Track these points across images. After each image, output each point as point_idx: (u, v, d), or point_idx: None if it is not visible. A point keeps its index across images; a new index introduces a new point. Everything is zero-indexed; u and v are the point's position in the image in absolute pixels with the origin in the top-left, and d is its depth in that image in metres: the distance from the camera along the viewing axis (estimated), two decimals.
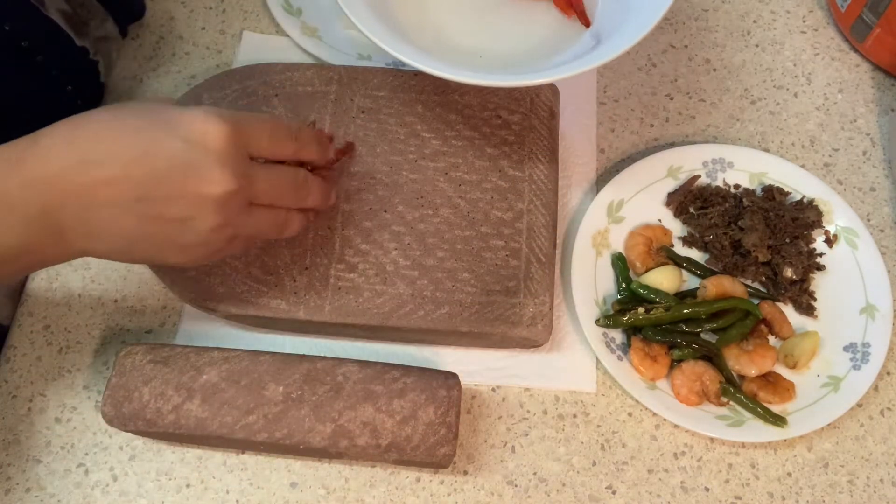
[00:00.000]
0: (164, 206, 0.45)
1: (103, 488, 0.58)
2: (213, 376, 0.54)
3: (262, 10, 0.77)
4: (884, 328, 0.61)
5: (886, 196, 0.70)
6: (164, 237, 0.46)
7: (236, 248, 0.51)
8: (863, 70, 0.76)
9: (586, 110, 0.72)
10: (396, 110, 0.65)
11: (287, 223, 0.52)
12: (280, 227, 0.52)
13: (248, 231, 0.49)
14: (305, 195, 0.52)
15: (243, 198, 0.47)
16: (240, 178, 0.46)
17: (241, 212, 0.47)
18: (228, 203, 0.46)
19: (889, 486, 0.59)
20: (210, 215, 0.46)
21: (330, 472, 0.58)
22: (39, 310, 0.63)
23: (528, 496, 0.58)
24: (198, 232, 0.46)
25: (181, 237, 0.46)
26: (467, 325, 0.58)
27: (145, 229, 0.46)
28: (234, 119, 0.46)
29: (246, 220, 0.48)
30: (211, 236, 0.47)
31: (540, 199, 0.62)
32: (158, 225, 0.45)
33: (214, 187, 0.45)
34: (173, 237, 0.46)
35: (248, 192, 0.47)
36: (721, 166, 0.68)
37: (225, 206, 0.46)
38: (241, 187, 0.46)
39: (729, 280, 0.62)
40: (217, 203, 0.45)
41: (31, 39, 0.59)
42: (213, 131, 0.45)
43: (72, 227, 0.45)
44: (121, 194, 0.44)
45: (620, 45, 0.56)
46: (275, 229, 0.52)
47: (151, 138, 0.44)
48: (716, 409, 0.59)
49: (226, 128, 0.45)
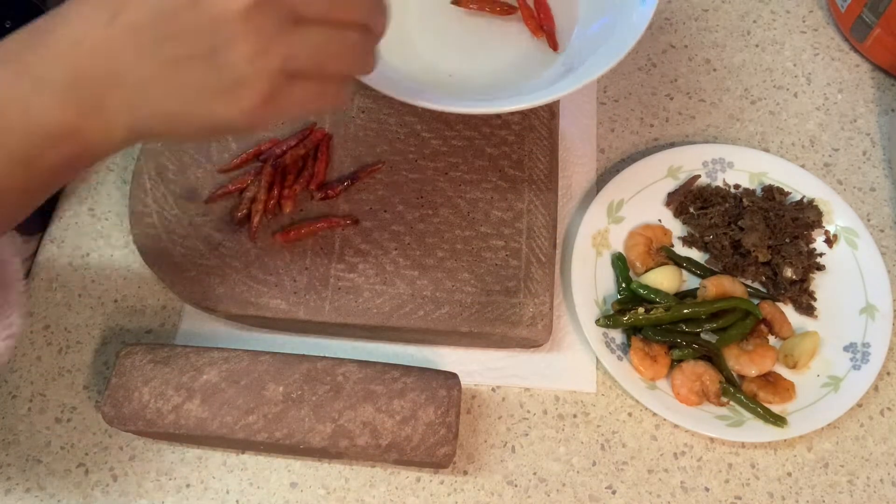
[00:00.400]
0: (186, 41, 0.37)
1: (103, 488, 0.58)
2: (213, 376, 0.55)
3: None
4: (884, 328, 0.61)
5: (886, 196, 0.70)
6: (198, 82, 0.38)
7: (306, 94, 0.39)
8: (863, 70, 0.76)
9: (586, 110, 0.72)
10: (396, 110, 0.65)
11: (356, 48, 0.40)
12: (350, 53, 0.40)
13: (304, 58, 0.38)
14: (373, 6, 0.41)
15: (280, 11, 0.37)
16: None
17: (283, 30, 0.37)
18: (259, 16, 0.36)
19: (889, 486, 0.59)
20: (240, 36, 0.36)
21: (330, 472, 0.58)
22: (39, 310, 0.63)
23: (528, 496, 0.58)
24: (234, 63, 0.37)
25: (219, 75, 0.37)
26: (467, 325, 0.58)
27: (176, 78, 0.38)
28: None
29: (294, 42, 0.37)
30: (254, 67, 0.37)
31: (540, 199, 0.62)
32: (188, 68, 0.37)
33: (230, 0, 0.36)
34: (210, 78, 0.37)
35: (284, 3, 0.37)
36: (721, 166, 0.68)
37: (256, 21, 0.36)
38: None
39: (729, 280, 0.62)
40: (242, 21, 0.36)
41: None
42: None
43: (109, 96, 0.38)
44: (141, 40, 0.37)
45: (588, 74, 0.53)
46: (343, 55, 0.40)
47: None
48: (716, 409, 0.59)
49: None
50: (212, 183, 0.62)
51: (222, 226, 0.61)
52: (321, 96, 0.40)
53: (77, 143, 0.39)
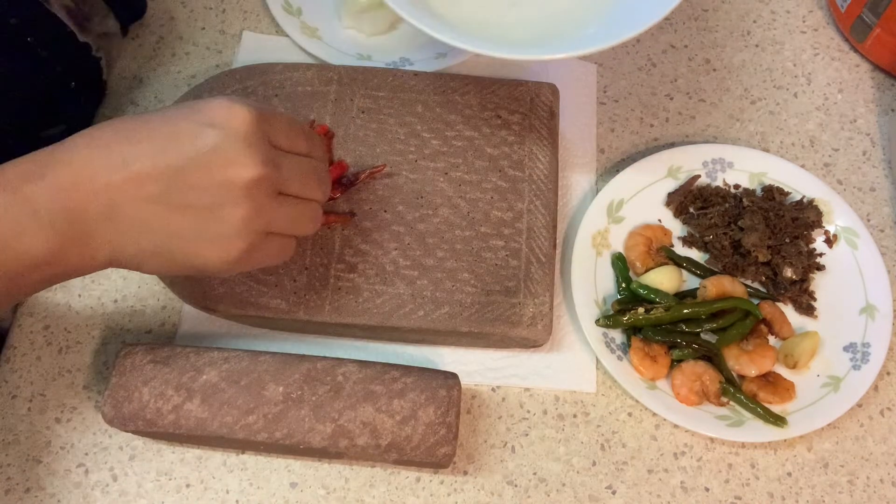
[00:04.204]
0: (193, 195, 0.44)
1: (103, 488, 0.58)
2: (213, 376, 0.54)
3: (262, 10, 0.77)
4: (884, 328, 0.61)
5: (886, 196, 0.70)
6: (195, 230, 0.44)
7: (274, 248, 0.48)
8: (863, 70, 0.76)
9: (586, 110, 0.72)
10: (396, 110, 0.65)
11: (315, 215, 0.50)
12: (313, 219, 0.50)
13: (281, 223, 0.47)
14: (325, 186, 0.51)
15: (271, 185, 0.45)
16: (267, 163, 0.45)
17: (271, 201, 0.46)
18: (257, 189, 0.44)
19: (889, 486, 0.59)
20: (240, 201, 0.44)
21: (330, 472, 0.58)
22: (39, 310, 0.63)
23: (528, 496, 0.58)
24: (229, 222, 0.44)
25: (212, 227, 0.45)
26: (467, 325, 0.58)
27: (174, 223, 0.44)
28: (257, 105, 0.46)
29: (277, 210, 0.46)
30: (243, 227, 0.45)
31: (540, 199, 0.62)
32: (188, 216, 0.44)
33: (242, 171, 0.44)
34: (206, 229, 0.45)
35: (275, 180, 0.46)
36: (721, 166, 0.68)
37: (254, 192, 0.44)
38: (269, 173, 0.45)
39: (729, 280, 0.62)
40: (245, 188, 0.44)
41: (36, 34, 0.59)
42: (238, 115, 0.44)
43: (98, 231, 0.44)
44: (148, 189, 0.43)
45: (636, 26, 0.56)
46: (308, 221, 0.50)
47: (176, 129, 0.44)
48: (716, 409, 0.59)
49: (251, 112, 0.45)
50: None
51: None
52: (283, 250, 0.50)
53: (59, 266, 0.45)
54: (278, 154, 0.46)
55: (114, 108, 0.71)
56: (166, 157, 0.43)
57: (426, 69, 0.70)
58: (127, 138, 0.44)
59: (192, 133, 0.44)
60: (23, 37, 0.59)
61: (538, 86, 0.67)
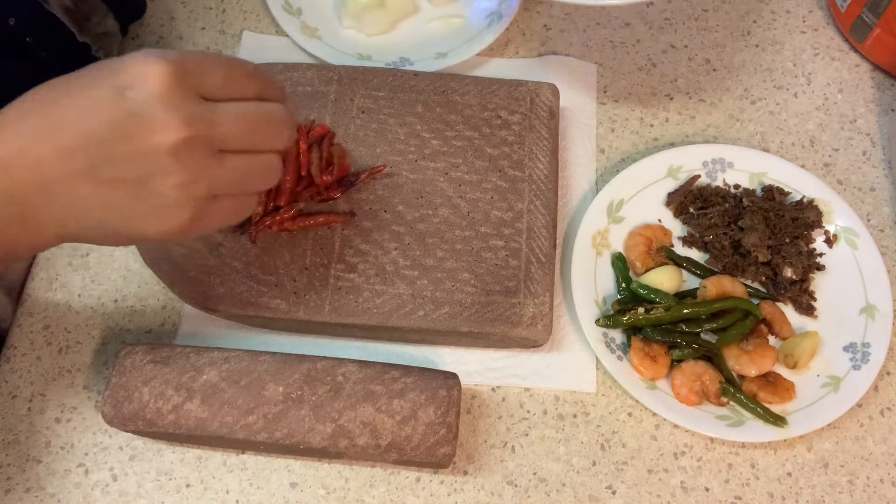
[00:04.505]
0: (119, 167, 0.40)
1: (103, 488, 0.58)
2: (213, 376, 0.54)
3: (262, 10, 0.77)
4: (884, 328, 0.61)
5: (886, 196, 0.70)
6: (131, 204, 0.41)
7: (227, 210, 0.45)
8: (863, 70, 0.76)
9: (586, 110, 0.72)
10: (396, 110, 0.65)
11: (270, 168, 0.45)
12: (268, 173, 0.45)
13: (227, 184, 0.43)
14: (282, 132, 0.45)
15: (206, 144, 0.41)
16: (193, 121, 0.40)
17: (210, 162, 0.42)
18: (187, 152, 0.40)
19: (889, 486, 0.59)
20: (170, 169, 0.40)
21: (330, 472, 0.58)
22: (39, 310, 0.63)
23: (528, 496, 0.58)
24: (163, 192, 0.41)
25: (148, 200, 0.41)
26: (467, 325, 0.58)
27: (108, 198, 0.41)
28: (180, 57, 0.41)
29: (218, 171, 0.42)
30: (181, 195, 0.41)
31: (540, 199, 0.62)
32: (120, 191, 0.41)
33: (165, 136, 0.39)
34: (140, 202, 0.41)
35: (209, 137, 0.41)
36: (721, 166, 0.68)
37: (184, 156, 0.40)
38: (198, 132, 0.40)
39: (729, 280, 0.62)
40: (173, 154, 0.40)
41: (35, 35, 0.59)
42: (154, 73, 0.39)
43: (38, 209, 0.41)
44: (74, 164, 0.40)
45: None
46: (262, 176, 0.45)
47: (94, 94, 0.40)
48: (716, 409, 0.59)
49: (167, 67, 0.40)
50: None
51: None
52: (239, 210, 0.45)
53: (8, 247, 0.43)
54: (210, 107, 0.42)
55: None
56: (88, 128, 0.40)
57: (426, 69, 0.70)
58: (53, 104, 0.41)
59: (109, 100, 0.40)
60: (22, 37, 0.59)
61: (538, 86, 0.67)
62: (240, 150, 0.43)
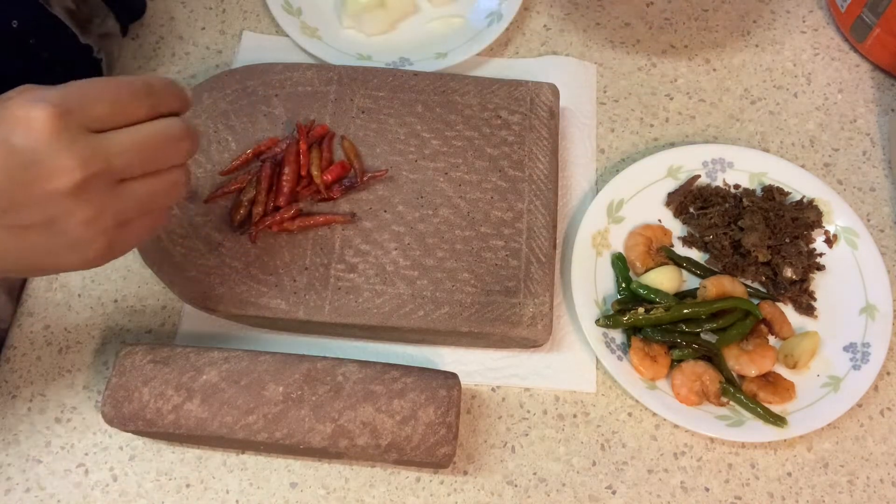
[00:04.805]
0: (24, 213, 0.40)
1: (103, 488, 0.58)
2: (213, 376, 0.54)
3: (262, 10, 0.77)
4: (884, 328, 0.61)
5: (886, 196, 0.70)
6: (45, 244, 0.42)
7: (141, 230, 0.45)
8: (863, 70, 0.76)
9: (586, 110, 0.72)
10: (396, 110, 0.65)
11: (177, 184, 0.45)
12: (173, 189, 0.45)
13: (134, 209, 0.43)
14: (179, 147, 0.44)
15: (104, 179, 0.41)
16: (87, 162, 0.40)
17: (111, 194, 0.42)
18: (86, 191, 0.40)
19: (889, 486, 0.59)
20: (72, 209, 0.40)
21: (330, 472, 0.58)
22: (39, 310, 0.63)
23: (528, 496, 0.58)
24: (71, 231, 0.41)
25: (59, 239, 0.42)
26: (467, 325, 0.58)
27: (21, 241, 0.41)
28: (61, 96, 0.40)
29: (122, 201, 0.42)
30: (90, 231, 0.41)
31: (540, 199, 0.62)
32: (32, 233, 0.41)
33: (60, 180, 0.39)
34: (53, 241, 0.42)
35: (106, 172, 0.41)
36: (721, 166, 0.68)
37: (84, 195, 0.40)
38: (93, 170, 0.40)
39: (729, 280, 0.62)
40: (72, 195, 0.40)
41: (38, 37, 0.59)
42: (37, 120, 0.39)
43: None
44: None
45: None
46: (168, 194, 0.45)
47: None
48: (716, 409, 0.59)
49: (48, 111, 0.39)
50: (212, 183, 0.62)
51: (222, 226, 0.61)
52: (153, 226, 0.46)
53: None
54: (102, 142, 0.41)
55: None
56: None
57: (426, 69, 0.70)
58: None
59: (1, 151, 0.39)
60: (25, 39, 0.59)
61: (538, 86, 0.67)
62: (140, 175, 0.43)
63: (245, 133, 0.64)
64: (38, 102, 0.39)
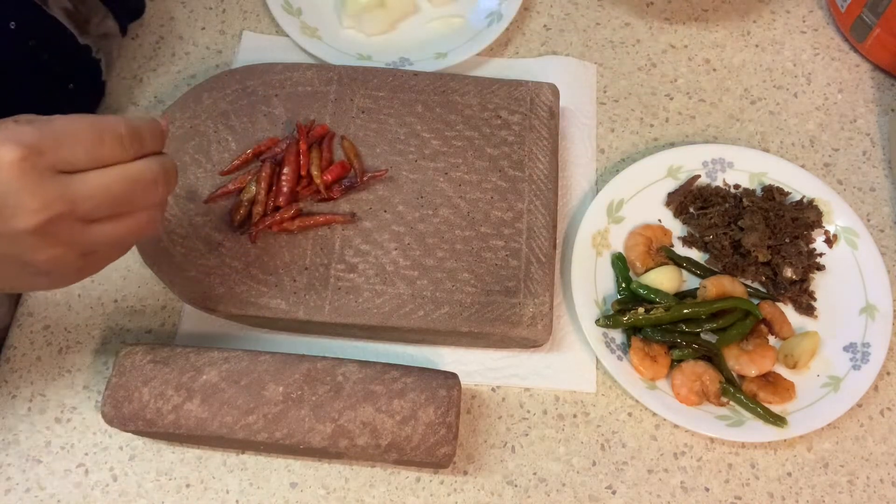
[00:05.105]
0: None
1: (103, 488, 0.58)
2: (213, 376, 0.54)
3: (262, 10, 0.77)
4: (884, 328, 0.61)
5: (886, 196, 0.70)
6: (16, 272, 0.43)
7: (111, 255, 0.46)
8: (863, 70, 0.76)
9: (586, 110, 0.72)
10: (396, 110, 0.65)
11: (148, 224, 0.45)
12: (141, 231, 0.45)
13: (102, 243, 0.44)
14: (153, 191, 0.45)
15: (69, 220, 0.41)
16: (51, 204, 0.40)
17: (77, 233, 0.42)
18: (50, 231, 0.41)
19: (889, 486, 0.59)
20: (37, 247, 0.41)
21: (330, 472, 0.58)
22: (39, 310, 0.63)
23: (528, 496, 0.58)
24: (39, 265, 0.42)
25: (27, 270, 0.43)
26: (467, 325, 0.58)
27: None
28: (35, 136, 0.40)
29: (89, 240, 0.43)
30: (55, 264, 0.42)
31: (540, 199, 0.62)
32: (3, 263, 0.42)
33: (23, 220, 0.40)
34: (24, 271, 0.43)
35: (70, 214, 0.41)
36: (721, 166, 0.68)
37: (49, 235, 0.41)
38: (57, 212, 0.40)
39: (729, 280, 0.62)
40: (36, 235, 0.41)
41: (36, 38, 0.59)
42: (3, 159, 0.39)
43: None
44: None
45: None
46: (136, 235, 0.45)
47: None
48: (716, 409, 0.59)
49: (18, 152, 0.39)
50: (212, 183, 0.62)
51: (222, 226, 0.61)
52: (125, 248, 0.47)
53: None
54: (69, 185, 0.41)
55: (113, 108, 0.71)
56: None
57: (426, 69, 0.70)
58: None
59: None
60: (24, 40, 0.59)
61: (538, 86, 0.67)
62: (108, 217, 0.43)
63: (245, 133, 0.64)
64: (8, 143, 0.39)
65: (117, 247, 0.46)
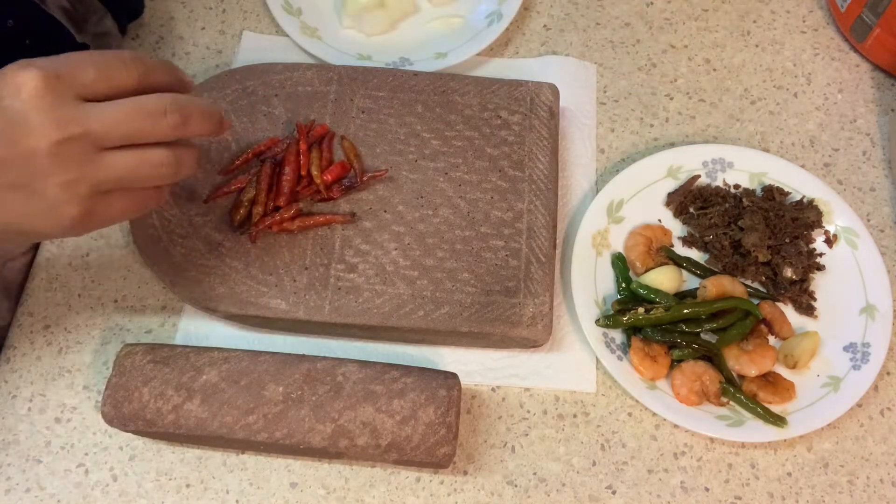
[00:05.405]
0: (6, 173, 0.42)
1: (103, 488, 0.58)
2: (213, 376, 0.55)
3: (262, 10, 0.77)
4: (884, 328, 0.61)
5: (886, 196, 0.70)
6: (24, 205, 0.43)
7: (122, 205, 0.46)
8: (863, 70, 0.76)
9: (586, 110, 0.72)
10: (396, 110, 0.65)
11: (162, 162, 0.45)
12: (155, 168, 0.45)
13: (112, 180, 0.44)
14: (176, 121, 0.45)
15: (84, 144, 0.42)
16: (66, 123, 0.42)
17: (89, 160, 0.43)
18: (64, 154, 0.42)
19: (889, 486, 0.59)
20: (49, 170, 0.42)
21: (330, 472, 0.58)
22: (39, 310, 0.63)
23: (528, 496, 0.58)
24: (48, 192, 0.42)
25: (38, 200, 0.43)
26: (467, 325, 0.58)
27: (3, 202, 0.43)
28: (53, 63, 0.42)
29: (103, 168, 0.43)
30: (65, 194, 0.43)
31: (540, 199, 0.62)
32: (13, 193, 0.43)
33: (37, 139, 0.41)
34: (32, 203, 0.43)
35: (85, 137, 0.42)
36: (721, 166, 0.68)
37: (61, 157, 0.42)
38: (70, 133, 0.42)
39: (729, 280, 0.62)
40: (49, 156, 0.42)
41: (34, 36, 0.59)
42: (27, 82, 0.41)
43: None
44: None
45: None
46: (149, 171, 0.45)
47: None
48: (716, 409, 0.59)
49: (38, 74, 0.41)
50: (212, 183, 0.62)
51: (222, 226, 0.61)
52: (138, 204, 0.47)
53: None
54: (88, 108, 0.43)
55: None
56: None
57: (426, 69, 0.70)
58: None
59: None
60: (21, 39, 0.59)
61: (538, 86, 0.67)
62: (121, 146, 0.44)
63: (245, 133, 0.64)
64: (29, 67, 0.42)
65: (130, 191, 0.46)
